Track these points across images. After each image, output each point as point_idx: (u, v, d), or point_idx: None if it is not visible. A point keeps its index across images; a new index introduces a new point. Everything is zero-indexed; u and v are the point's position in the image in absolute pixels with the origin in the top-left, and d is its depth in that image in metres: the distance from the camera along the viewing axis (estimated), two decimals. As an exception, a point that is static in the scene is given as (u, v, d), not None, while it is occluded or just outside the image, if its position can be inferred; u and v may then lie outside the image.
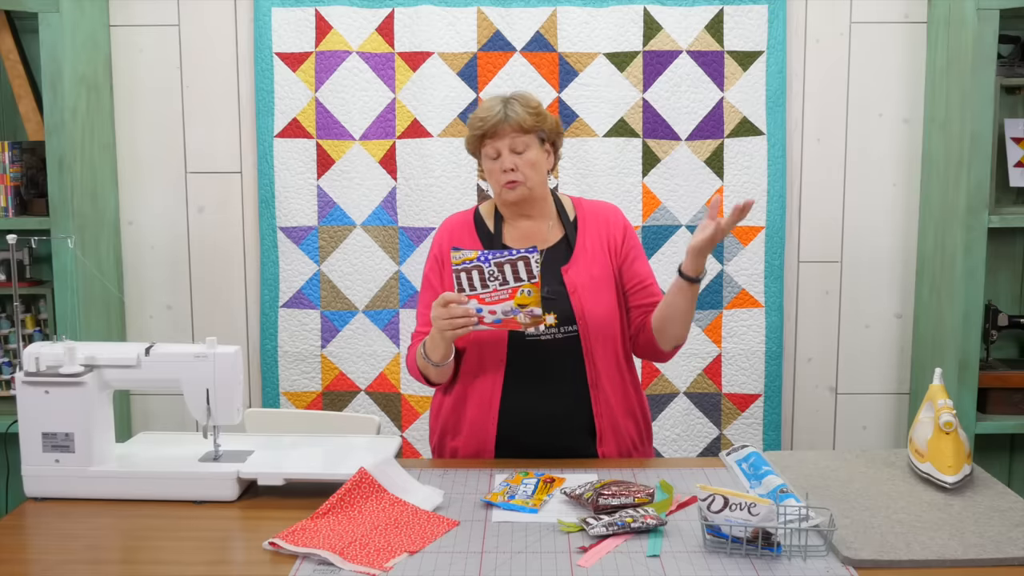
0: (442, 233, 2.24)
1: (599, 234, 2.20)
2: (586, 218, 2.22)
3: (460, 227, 2.23)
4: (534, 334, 2.10)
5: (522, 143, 2.10)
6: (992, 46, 2.79)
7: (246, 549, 1.70)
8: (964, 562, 1.59)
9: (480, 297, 1.98)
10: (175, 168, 3.17)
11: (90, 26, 2.98)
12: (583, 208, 2.24)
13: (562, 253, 2.17)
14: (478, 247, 2.17)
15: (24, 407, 1.91)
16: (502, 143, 2.10)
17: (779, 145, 3.10)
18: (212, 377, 1.94)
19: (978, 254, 2.86)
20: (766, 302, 3.14)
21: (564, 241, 2.19)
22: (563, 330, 2.12)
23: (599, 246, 2.18)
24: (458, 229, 2.22)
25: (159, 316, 3.22)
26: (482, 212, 2.26)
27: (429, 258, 2.24)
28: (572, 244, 2.18)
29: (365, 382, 3.18)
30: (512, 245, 2.17)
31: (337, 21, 3.07)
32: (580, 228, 2.20)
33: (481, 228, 2.22)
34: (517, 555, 1.63)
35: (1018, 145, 3.04)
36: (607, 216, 2.23)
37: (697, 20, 3.06)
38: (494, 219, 2.22)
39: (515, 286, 1.97)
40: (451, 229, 2.23)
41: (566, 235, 2.20)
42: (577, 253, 2.17)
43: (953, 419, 1.89)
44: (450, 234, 2.22)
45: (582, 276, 2.14)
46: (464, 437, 2.17)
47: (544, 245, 2.18)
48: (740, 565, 1.59)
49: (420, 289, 2.26)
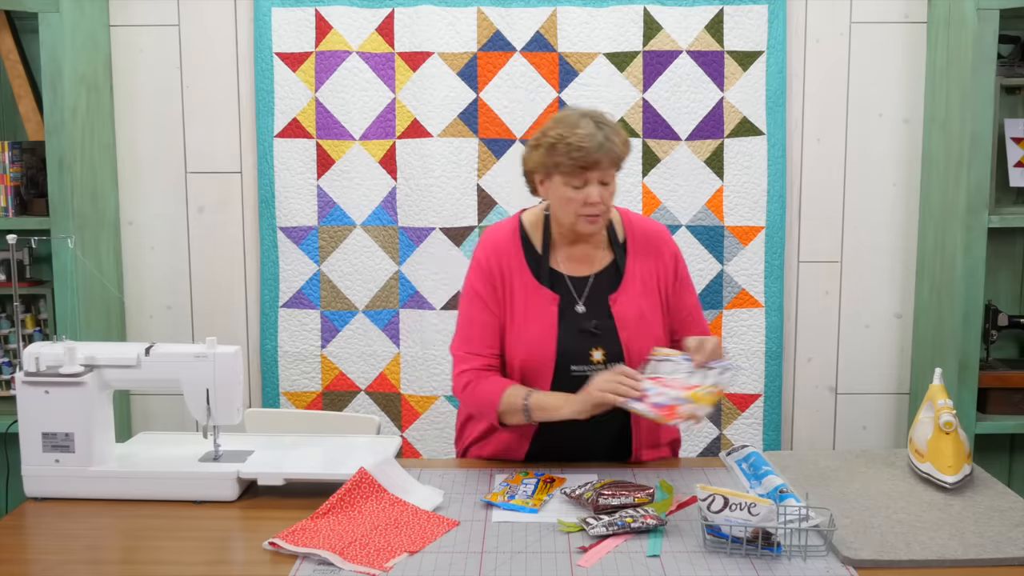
0: (488, 249, 2.08)
1: (649, 262, 2.09)
2: (636, 242, 2.11)
3: (507, 245, 2.08)
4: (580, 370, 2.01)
5: (611, 175, 1.98)
6: (992, 46, 2.79)
7: (246, 549, 1.70)
8: (964, 562, 1.59)
9: (661, 379, 1.90)
10: (175, 168, 3.17)
11: (90, 26, 2.98)
12: (633, 229, 2.12)
13: (610, 279, 2.07)
14: (525, 269, 2.06)
15: (24, 407, 1.91)
16: (595, 176, 1.95)
17: (779, 145, 3.10)
18: (212, 377, 1.94)
19: (978, 254, 2.86)
20: (766, 302, 3.14)
21: (613, 265, 2.09)
22: (610, 367, 2.00)
23: (649, 275, 2.08)
24: (504, 247, 2.08)
25: (159, 316, 3.22)
26: (527, 226, 2.11)
27: (476, 273, 2.08)
28: (621, 270, 2.08)
29: (365, 382, 3.18)
30: (560, 269, 2.07)
31: (337, 21, 3.07)
32: (630, 253, 2.09)
33: (528, 248, 2.09)
34: (517, 555, 1.63)
35: (1018, 145, 3.04)
36: (658, 244, 2.12)
37: (697, 20, 3.06)
38: (542, 236, 2.09)
39: (697, 384, 1.88)
40: (497, 246, 2.08)
41: (615, 260, 2.09)
42: (626, 281, 2.06)
43: (953, 419, 1.89)
44: (496, 252, 2.07)
45: (631, 308, 2.05)
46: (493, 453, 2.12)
47: (592, 270, 2.08)
48: (740, 565, 1.59)
49: (465, 305, 2.10)
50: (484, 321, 2.05)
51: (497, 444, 2.12)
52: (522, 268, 2.06)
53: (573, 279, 2.07)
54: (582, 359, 2.02)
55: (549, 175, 2.00)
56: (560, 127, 1.97)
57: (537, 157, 2.00)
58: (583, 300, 2.06)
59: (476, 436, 2.17)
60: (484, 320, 2.05)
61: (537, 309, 2.04)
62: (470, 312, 2.08)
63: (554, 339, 2.02)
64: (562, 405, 1.94)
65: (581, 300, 2.05)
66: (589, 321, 2.03)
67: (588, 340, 2.02)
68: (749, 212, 3.12)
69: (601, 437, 2.08)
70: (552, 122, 2.01)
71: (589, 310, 2.04)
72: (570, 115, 1.99)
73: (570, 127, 1.95)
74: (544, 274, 2.06)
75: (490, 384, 2.03)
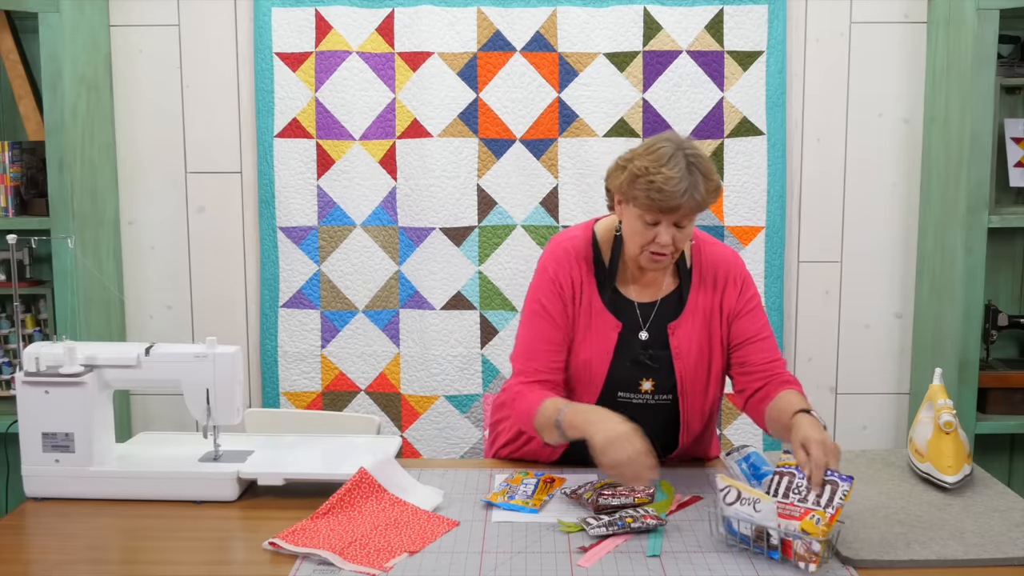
0: (561, 262, 1.99)
1: (715, 292, 2.00)
2: (704, 270, 2.01)
3: (578, 260, 1.99)
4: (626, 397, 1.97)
5: (689, 220, 1.86)
6: (992, 46, 2.79)
7: (246, 549, 1.70)
8: (964, 562, 1.59)
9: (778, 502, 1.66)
10: (175, 168, 3.17)
11: (90, 26, 2.98)
12: (701, 256, 2.02)
13: (672, 307, 1.99)
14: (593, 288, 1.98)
15: (24, 407, 1.91)
16: (669, 218, 1.84)
17: (779, 145, 3.10)
18: (212, 377, 1.94)
19: (978, 254, 2.86)
20: (766, 302, 3.14)
21: (677, 293, 2.00)
22: (657, 398, 1.98)
23: (713, 307, 2.00)
24: (576, 262, 1.99)
25: (159, 316, 3.22)
26: (599, 236, 2.01)
27: (545, 286, 1.99)
28: (684, 298, 1.99)
29: (365, 382, 3.18)
30: (626, 292, 1.99)
31: (337, 21, 3.07)
32: (695, 283, 2.00)
33: (599, 264, 1.99)
34: (517, 555, 1.63)
35: (1018, 145, 3.04)
36: (727, 272, 2.01)
37: (697, 20, 3.06)
38: (611, 252, 2.00)
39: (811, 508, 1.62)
40: (569, 260, 1.99)
41: (680, 287, 2.00)
42: (688, 311, 1.98)
43: (953, 419, 1.90)
44: (568, 267, 1.98)
45: (690, 341, 1.98)
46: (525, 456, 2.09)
47: (657, 296, 2.00)
48: (740, 565, 1.59)
49: (529, 317, 2.02)
50: (550, 337, 1.97)
51: (527, 450, 2.09)
52: (591, 286, 1.98)
53: (640, 305, 2.00)
54: (631, 387, 1.97)
55: (627, 200, 1.89)
56: (649, 158, 1.83)
57: (618, 180, 1.88)
58: (647, 327, 1.99)
59: (509, 438, 2.13)
60: (550, 336, 1.97)
61: (598, 332, 1.97)
62: (534, 326, 2.00)
63: (607, 365, 1.96)
64: (592, 435, 1.79)
65: (645, 327, 1.99)
66: (645, 352, 1.97)
67: (641, 370, 1.97)
68: (749, 212, 3.12)
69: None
70: (643, 147, 1.88)
71: (651, 336, 1.97)
72: (664, 148, 1.83)
73: (658, 162, 1.81)
74: (607, 293, 1.98)
75: (532, 395, 1.95)
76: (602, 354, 1.96)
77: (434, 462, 2.15)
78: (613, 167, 1.93)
